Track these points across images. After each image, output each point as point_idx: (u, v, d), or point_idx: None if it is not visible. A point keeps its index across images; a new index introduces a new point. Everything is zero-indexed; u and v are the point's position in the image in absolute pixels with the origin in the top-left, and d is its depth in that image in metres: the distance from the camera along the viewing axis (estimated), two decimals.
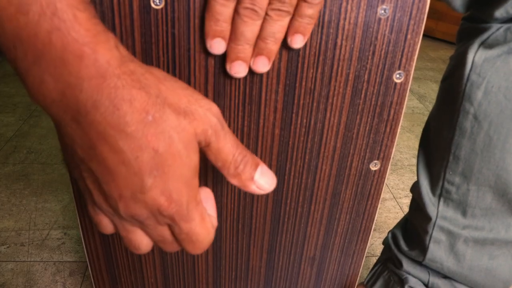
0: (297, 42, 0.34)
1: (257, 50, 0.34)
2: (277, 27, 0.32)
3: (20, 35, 0.23)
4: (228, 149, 0.29)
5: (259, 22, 0.32)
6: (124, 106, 0.24)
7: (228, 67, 0.34)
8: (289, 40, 0.34)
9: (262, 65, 0.34)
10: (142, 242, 0.31)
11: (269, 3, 0.31)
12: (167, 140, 0.26)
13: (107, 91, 0.24)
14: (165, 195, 0.27)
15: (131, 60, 0.26)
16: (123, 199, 0.27)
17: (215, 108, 0.29)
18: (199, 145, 0.28)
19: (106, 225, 0.31)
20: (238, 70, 0.34)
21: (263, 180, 0.31)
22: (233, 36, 0.32)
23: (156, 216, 0.28)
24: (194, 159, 0.28)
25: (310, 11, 0.32)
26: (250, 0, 0.30)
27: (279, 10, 0.31)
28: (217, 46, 0.33)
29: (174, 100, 0.27)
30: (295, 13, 0.32)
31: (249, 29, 0.32)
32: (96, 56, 0.24)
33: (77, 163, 0.27)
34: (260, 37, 0.33)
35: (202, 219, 0.30)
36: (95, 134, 0.25)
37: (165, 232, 0.30)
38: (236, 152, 0.30)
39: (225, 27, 0.32)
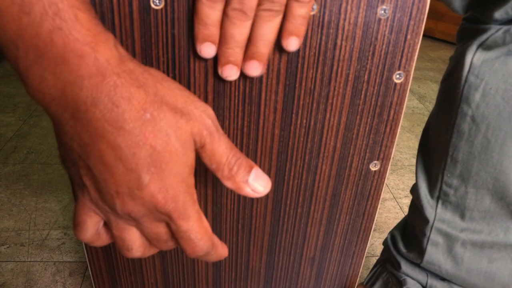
0: (292, 44, 0.33)
1: (248, 55, 0.33)
2: (268, 28, 0.32)
3: (22, 35, 0.23)
4: (222, 150, 0.29)
5: (248, 23, 0.31)
6: (123, 103, 0.25)
7: (219, 70, 0.34)
8: (284, 44, 0.33)
9: (254, 69, 0.34)
10: (135, 242, 0.31)
11: (259, 4, 0.30)
12: (165, 138, 0.26)
13: (107, 89, 0.25)
14: (162, 192, 0.27)
15: (130, 59, 0.26)
16: (120, 196, 0.27)
17: (210, 111, 0.29)
18: (194, 146, 0.29)
19: (89, 228, 0.31)
20: (230, 73, 0.34)
21: (257, 183, 0.31)
22: (222, 39, 0.32)
23: (153, 213, 0.28)
24: (191, 157, 0.28)
25: (302, 10, 0.31)
26: (239, 1, 0.30)
27: (270, 10, 0.30)
28: (206, 50, 0.33)
29: (171, 100, 0.27)
30: (287, 14, 0.32)
31: (239, 31, 0.31)
32: (96, 55, 0.24)
33: (74, 160, 0.27)
34: (250, 40, 0.32)
35: (199, 218, 0.30)
36: (94, 131, 0.25)
37: (160, 229, 0.30)
38: (230, 154, 0.30)
39: (214, 30, 0.31)
